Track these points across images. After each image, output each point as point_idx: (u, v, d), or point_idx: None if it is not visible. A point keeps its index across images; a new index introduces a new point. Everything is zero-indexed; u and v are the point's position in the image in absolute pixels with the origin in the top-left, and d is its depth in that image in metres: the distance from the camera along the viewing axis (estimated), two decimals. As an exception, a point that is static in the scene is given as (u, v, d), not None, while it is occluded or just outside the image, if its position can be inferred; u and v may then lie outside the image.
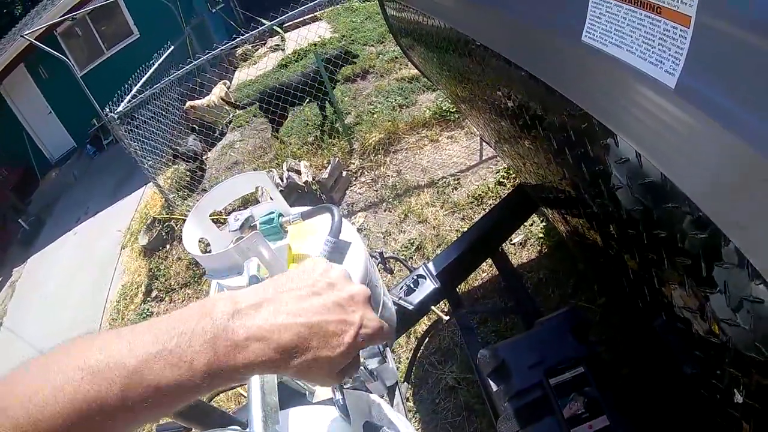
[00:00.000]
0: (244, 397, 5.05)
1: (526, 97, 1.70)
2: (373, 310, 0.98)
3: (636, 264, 1.44)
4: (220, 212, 3.04)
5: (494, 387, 2.12)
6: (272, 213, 1.61)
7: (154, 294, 7.85)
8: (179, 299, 7.40)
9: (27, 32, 11.20)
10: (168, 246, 8.36)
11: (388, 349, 1.25)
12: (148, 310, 7.59)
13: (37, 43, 8.41)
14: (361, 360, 1.20)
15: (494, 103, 2.17)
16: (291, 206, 1.77)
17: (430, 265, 2.77)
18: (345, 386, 1.22)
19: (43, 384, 0.66)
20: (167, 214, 8.66)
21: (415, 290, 2.64)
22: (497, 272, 4.24)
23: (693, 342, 1.26)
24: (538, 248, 4.73)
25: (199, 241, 1.67)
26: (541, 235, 4.74)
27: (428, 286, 2.65)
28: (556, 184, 1.96)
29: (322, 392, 1.27)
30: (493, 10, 1.56)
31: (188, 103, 10.28)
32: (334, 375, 0.82)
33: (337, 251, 1.44)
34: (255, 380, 1.08)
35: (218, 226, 1.78)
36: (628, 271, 1.55)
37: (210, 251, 1.69)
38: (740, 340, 1.01)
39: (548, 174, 1.98)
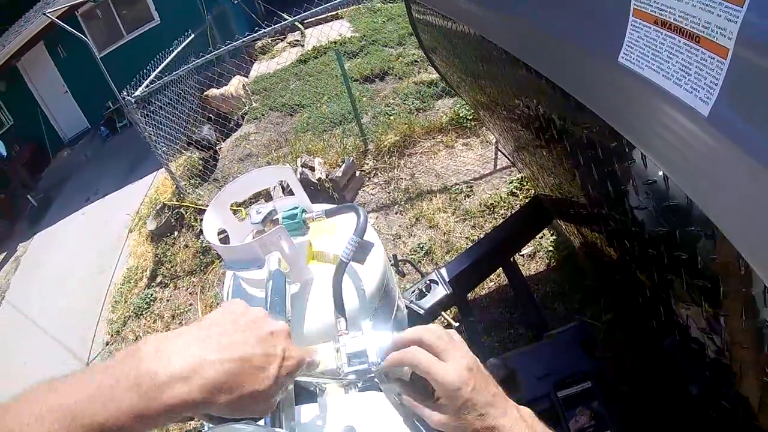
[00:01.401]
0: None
1: (552, 110, 1.70)
2: (389, 312, 1.01)
3: (651, 283, 1.44)
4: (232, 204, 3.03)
5: (502, 396, 2.12)
6: (296, 208, 1.61)
7: (158, 279, 7.89)
8: (184, 286, 7.42)
9: (49, 10, 11.25)
10: (176, 233, 8.38)
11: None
12: (151, 294, 7.64)
13: (58, 21, 8.44)
14: (377, 360, 1.20)
15: (518, 112, 2.17)
16: (303, 203, 1.78)
17: (443, 271, 2.77)
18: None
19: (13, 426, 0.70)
20: (177, 200, 8.68)
21: (426, 295, 2.65)
22: (504, 282, 4.26)
23: (704, 363, 1.26)
24: (547, 261, 4.73)
25: (218, 232, 1.67)
26: (550, 248, 4.74)
27: (440, 292, 2.65)
28: (576, 198, 1.96)
29: (333, 390, 1.28)
30: (526, 21, 1.56)
31: (207, 92, 10.28)
32: (269, 405, 0.88)
33: (360, 251, 1.44)
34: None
35: (240, 218, 1.78)
36: (643, 289, 1.55)
37: (228, 242, 1.69)
38: (754, 365, 1.01)
39: (569, 187, 1.98)
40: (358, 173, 7.07)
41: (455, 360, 0.98)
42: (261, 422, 0.99)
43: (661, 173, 1.09)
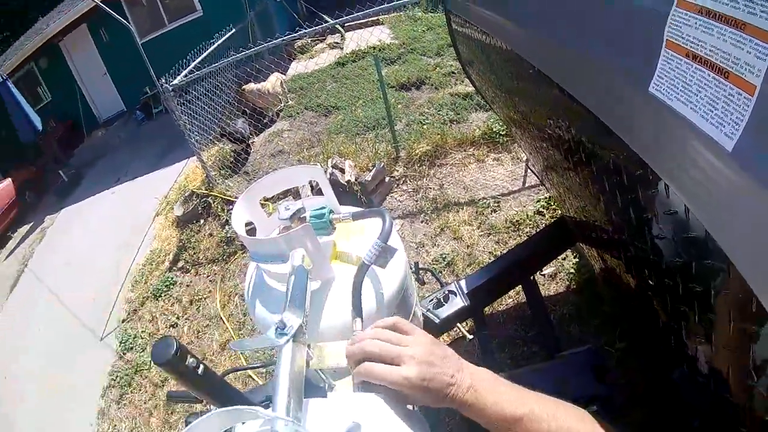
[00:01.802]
0: (253, 379, 5.10)
1: (582, 132, 1.72)
2: (405, 317, 1.11)
3: (666, 313, 1.45)
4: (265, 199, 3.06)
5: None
6: (323, 208, 1.64)
7: (180, 264, 7.99)
8: (205, 273, 7.50)
9: (95, -6, 11.39)
10: (202, 221, 8.47)
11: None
12: (172, 278, 7.74)
13: (103, 5, 8.55)
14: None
15: (548, 132, 2.18)
16: (332, 204, 1.81)
17: (462, 283, 2.78)
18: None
19: None
20: (206, 189, 8.77)
21: (444, 305, 2.66)
22: (521, 300, 4.26)
23: (711, 398, 1.27)
24: (567, 283, 4.72)
25: (246, 224, 1.71)
26: (572, 270, 4.73)
27: (457, 303, 2.66)
28: (599, 223, 1.98)
29: (342, 387, 1.30)
30: (561, 43, 1.58)
31: (245, 86, 10.36)
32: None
33: (383, 255, 1.46)
34: (284, 364, 1.12)
35: (268, 212, 1.81)
36: (658, 320, 1.56)
37: (254, 234, 1.72)
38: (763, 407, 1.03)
39: (593, 211, 1.99)
40: (387, 179, 7.09)
41: (407, 360, 1.09)
42: (285, 407, 1.02)
43: (682, 204, 1.10)
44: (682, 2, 0.95)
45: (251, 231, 1.71)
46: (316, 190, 1.89)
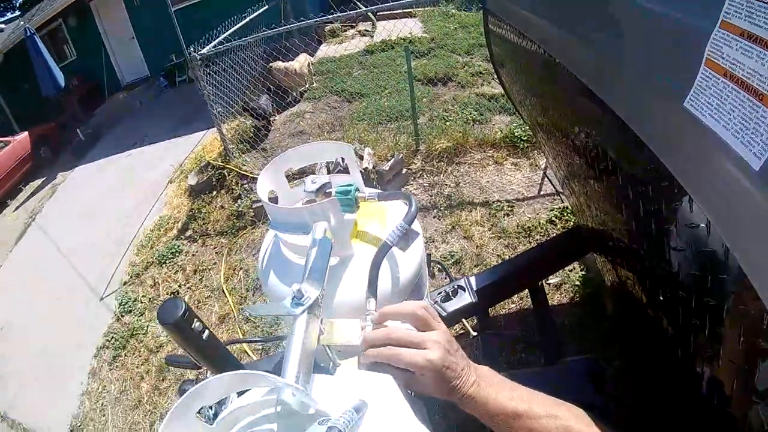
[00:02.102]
0: (248, 354, 5.12)
1: (610, 142, 1.72)
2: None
3: (676, 330, 1.45)
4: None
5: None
6: (350, 185, 1.64)
7: (188, 233, 8.04)
8: (212, 245, 7.55)
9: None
10: (214, 192, 8.50)
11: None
12: (178, 246, 7.79)
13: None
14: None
15: (575, 139, 2.18)
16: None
17: (472, 280, 2.77)
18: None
19: None
20: (223, 162, 8.79)
21: (452, 299, 2.66)
22: (525, 305, 4.26)
23: (715, 417, 1.27)
24: (572, 294, 4.72)
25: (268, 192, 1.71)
26: (577, 282, 4.73)
27: (465, 299, 2.66)
28: (618, 233, 1.97)
29: (347, 367, 1.31)
30: (600, 51, 1.58)
31: (272, 63, 10.37)
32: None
33: (405, 238, 1.47)
34: (298, 334, 1.13)
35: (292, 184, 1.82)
36: (665, 335, 1.56)
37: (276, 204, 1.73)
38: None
39: (613, 221, 1.99)
40: (404, 171, 7.10)
41: (431, 345, 1.12)
42: (295, 377, 1.03)
43: (704, 219, 1.11)
44: (726, 23, 0.96)
45: (273, 200, 1.71)
46: (335, 172, 1.89)
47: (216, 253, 7.40)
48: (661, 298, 1.55)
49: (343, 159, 1.79)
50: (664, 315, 1.56)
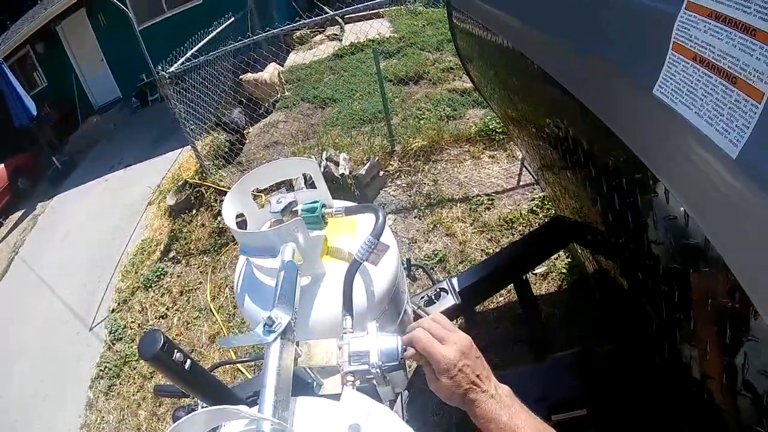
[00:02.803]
0: (241, 372, 5.09)
1: (581, 133, 1.70)
2: (395, 315, 1.11)
3: (659, 318, 1.43)
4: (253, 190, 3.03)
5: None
6: (316, 202, 1.62)
7: (171, 255, 7.97)
8: (196, 264, 7.47)
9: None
10: (194, 210, 8.44)
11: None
12: (162, 268, 7.71)
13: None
14: (379, 363, 1.23)
15: (547, 131, 2.16)
16: (325, 197, 1.78)
17: (454, 281, 2.76)
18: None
19: None
20: (200, 179, 8.72)
21: (435, 302, 2.64)
22: (513, 298, 4.23)
23: (702, 406, 1.25)
24: (559, 283, 4.71)
25: (236, 216, 1.68)
26: (564, 270, 4.72)
27: (448, 301, 2.64)
28: (595, 224, 1.96)
29: (330, 385, 1.29)
30: (565, 42, 1.56)
31: (242, 76, 10.32)
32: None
33: (374, 253, 1.45)
34: (272, 362, 1.10)
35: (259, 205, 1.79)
36: (649, 323, 1.54)
37: (245, 227, 1.70)
38: (755, 416, 1.01)
39: (589, 212, 1.98)
40: (381, 173, 7.06)
41: (450, 344, 1.18)
42: (272, 407, 1.01)
43: (682, 210, 1.08)
44: (692, 5, 0.93)
45: (242, 223, 1.69)
46: (310, 183, 1.87)
47: (201, 272, 7.32)
48: (641, 288, 1.54)
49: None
50: (646, 303, 1.54)
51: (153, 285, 7.54)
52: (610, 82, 1.29)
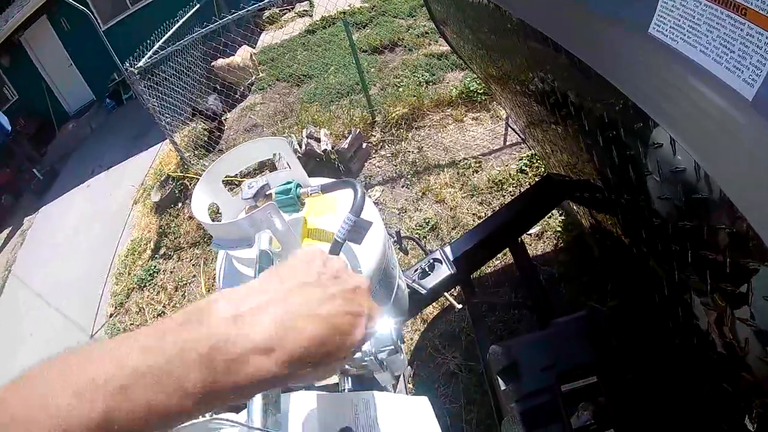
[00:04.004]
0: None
1: (570, 84, 1.61)
2: (388, 293, 0.95)
3: (668, 276, 1.34)
4: (236, 176, 2.96)
5: (502, 386, 2.04)
6: (290, 183, 1.53)
7: (162, 251, 7.91)
8: (187, 258, 7.43)
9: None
10: (180, 204, 8.40)
11: (400, 339, 1.17)
12: (155, 266, 7.66)
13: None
14: (372, 350, 1.13)
15: (532, 86, 2.08)
16: (308, 175, 1.67)
17: (447, 250, 2.70)
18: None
19: (36, 405, 0.57)
20: (182, 172, 8.67)
21: (429, 274, 2.58)
22: (510, 260, 4.17)
23: (712, 363, 1.17)
24: (555, 242, 4.67)
25: (209, 207, 1.59)
26: (558, 228, 4.67)
27: (443, 272, 2.58)
28: (590, 179, 1.87)
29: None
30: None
31: (213, 62, 10.25)
32: (334, 371, 0.77)
33: (356, 231, 1.35)
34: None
35: (232, 191, 1.70)
36: (656, 280, 1.45)
37: (220, 218, 1.61)
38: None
39: (583, 167, 1.89)
40: (364, 145, 6.99)
41: None
42: (243, 414, 0.96)
43: (692, 162, 0.97)
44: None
45: (217, 216, 1.60)
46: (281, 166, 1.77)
47: (193, 265, 7.26)
48: (642, 239, 1.44)
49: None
50: (647, 255, 1.45)
51: (147, 284, 7.49)
52: (599, 26, 1.17)
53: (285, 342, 0.64)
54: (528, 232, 4.68)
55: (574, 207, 2.63)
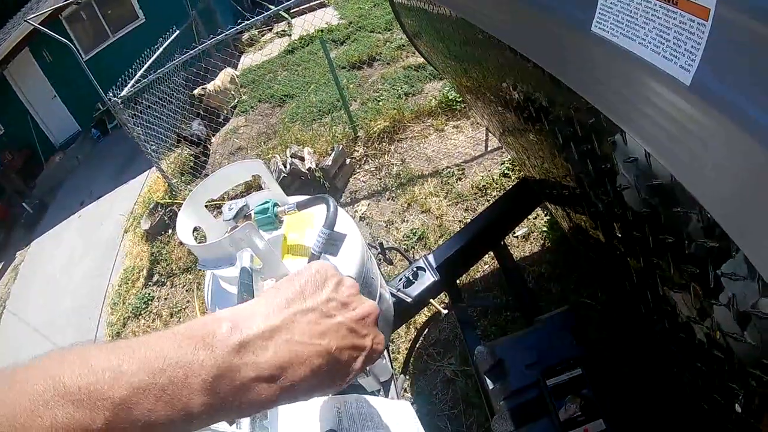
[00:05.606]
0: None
1: (531, 89, 1.66)
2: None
3: (638, 267, 1.40)
4: (222, 199, 3.02)
5: (490, 385, 2.09)
6: (267, 202, 1.58)
7: (155, 278, 7.90)
8: (181, 284, 7.42)
9: (31, 16, 11.17)
10: (170, 230, 8.39)
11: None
12: (149, 294, 7.63)
13: (41, 27, 8.39)
14: None
15: (499, 94, 2.13)
16: (293, 193, 1.75)
17: (431, 257, 2.73)
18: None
19: (23, 405, 0.56)
20: (170, 198, 8.68)
21: (414, 282, 2.60)
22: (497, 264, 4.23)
23: (694, 352, 1.22)
24: (542, 242, 4.70)
25: (195, 231, 1.65)
26: (544, 228, 4.71)
27: (427, 279, 2.61)
28: (560, 180, 1.93)
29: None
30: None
31: (195, 90, 10.29)
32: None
33: (331, 243, 1.41)
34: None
35: (219, 214, 1.76)
36: (631, 274, 1.51)
37: (205, 240, 1.67)
38: (744, 355, 0.98)
39: (553, 169, 1.94)
40: (348, 161, 7.03)
41: None
42: (234, 426, 0.97)
43: (642, 150, 1.03)
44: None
45: (204, 238, 1.66)
46: (279, 181, 1.83)
47: (186, 290, 7.26)
48: (616, 238, 1.50)
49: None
50: (624, 253, 1.51)
51: (142, 312, 7.46)
52: (549, 31, 1.23)
53: (288, 372, 0.67)
54: (515, 235, 4.73)
55: (552, 208, 2.68)
